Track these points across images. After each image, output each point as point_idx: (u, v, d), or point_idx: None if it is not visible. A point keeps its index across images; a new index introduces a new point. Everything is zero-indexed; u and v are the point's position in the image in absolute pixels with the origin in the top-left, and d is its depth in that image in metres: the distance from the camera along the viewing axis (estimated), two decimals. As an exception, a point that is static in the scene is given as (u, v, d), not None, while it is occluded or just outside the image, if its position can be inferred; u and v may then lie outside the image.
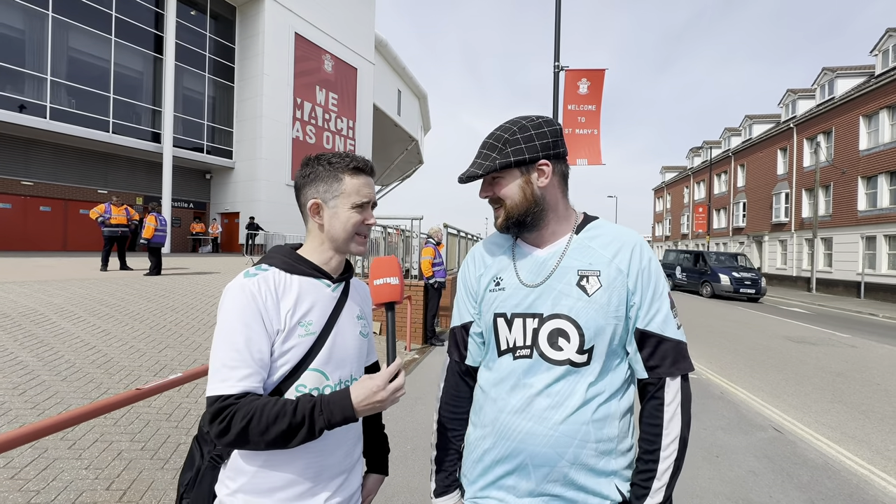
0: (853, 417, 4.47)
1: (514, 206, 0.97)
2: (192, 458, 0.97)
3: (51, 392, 3.33)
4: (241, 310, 0.85)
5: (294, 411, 0.81)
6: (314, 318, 0.93)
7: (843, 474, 3.19)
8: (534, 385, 0.93)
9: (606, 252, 0.96)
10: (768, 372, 6.17)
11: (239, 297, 0.86)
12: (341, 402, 0.83)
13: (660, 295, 0.94)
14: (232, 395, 0.81)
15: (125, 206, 9.46)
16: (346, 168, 0.97)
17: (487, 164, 0.96)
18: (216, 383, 0.82)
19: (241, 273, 0.92)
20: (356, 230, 0.98)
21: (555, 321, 0.92)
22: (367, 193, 0.98)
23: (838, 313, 13.74)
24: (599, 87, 8.03)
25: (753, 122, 28.95)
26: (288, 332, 0.88)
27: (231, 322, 0.85)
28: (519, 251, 1.03)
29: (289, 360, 0.89)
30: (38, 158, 14.90)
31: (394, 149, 30.33)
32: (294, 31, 18.99)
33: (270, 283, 0.90)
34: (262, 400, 0.82)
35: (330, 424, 0.82)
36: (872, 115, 18.52)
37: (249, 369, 0.83)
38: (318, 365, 0.91)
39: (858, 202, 19.03)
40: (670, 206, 43.70)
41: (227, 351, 0.83)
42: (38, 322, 4.72)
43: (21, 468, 2.47)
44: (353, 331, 1.00)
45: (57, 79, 13.94)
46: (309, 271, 0.96)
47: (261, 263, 0.96)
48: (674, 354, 0.92)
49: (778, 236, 25.11)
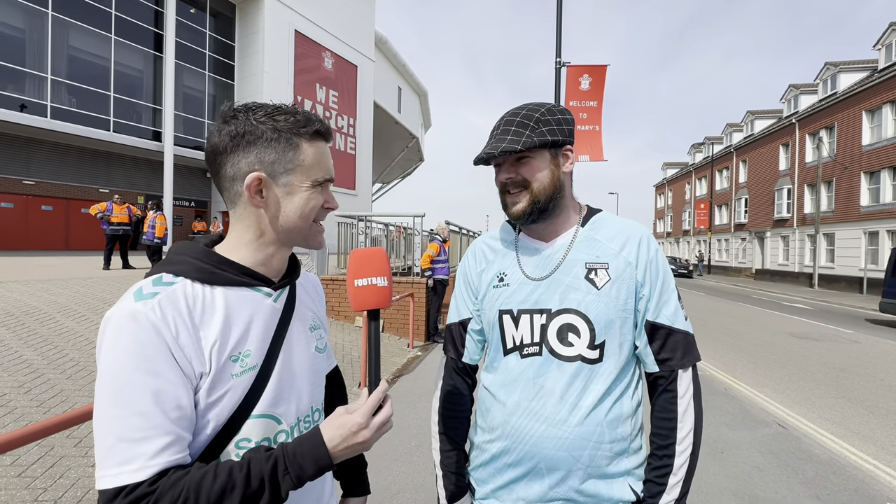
0: (857, 413, 4.46)
1: (542, 190, 0.91)
2: None
3: (56, 390, 3.34)
4: (137, 350, 0.57)
5: (247, 479, 0.58)
6: (253, 346, 0.67)
7: (849, 470, 3.19)
8: (545, 385, 0.90)
9: (613, 244, 0.93)
10: (772, 368, 6.17)
11: (131, 331, 0.58)
12: (312, 450, 0.61)
13: (669, 287, 0.93)
14: (143, 483, 0.54)
15: (127, 205, 9.48)
16: (303, 131, 0.69)
17: (524, 139, 0.88)
18: (112, 468, 0.54)
19: (129, 291, 0.63)
20: (316, 217, 0.73)
21: (564, 316, 0.89)
22: (328, 167, 0.74)
23: (841, 309, 13.71)
24: (601, 83, 8.00)
25: (755, 117, 28.83)
26: (216, 374, 0.62)
27: (122, 372, 0.56)
28: (523, 245, 1.00)
29: (222, 410, 0.63)
30: (39, 158, 14.93)
31: (394, 146, 30.28)
32: (294, 29, 18.95)
33: (181, 305, 0.62)
34: (191, 475, 0.56)
35: (301, 482, 0.61)
36: (875, 109, 18.43)
37: (167, 437, 0.57)
38: (265, 409, 0.67)
39: (861, 197, 18.96)
40: (672, 202, 43.60)
41: (125, 418, 0.55)
42: (42, 321, 4.73)
43: (28, 466, 2.48)
44: (307, 349, 0.76)
45: (57, 78, 13.94)
46: (239, 278, 0.68)
47: (159, 272, 0.66)
48: (684, 346, 0.91)
49: (780, 232, 25.05)
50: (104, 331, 0.60)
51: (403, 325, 7.14)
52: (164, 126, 16.34)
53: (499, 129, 0.92)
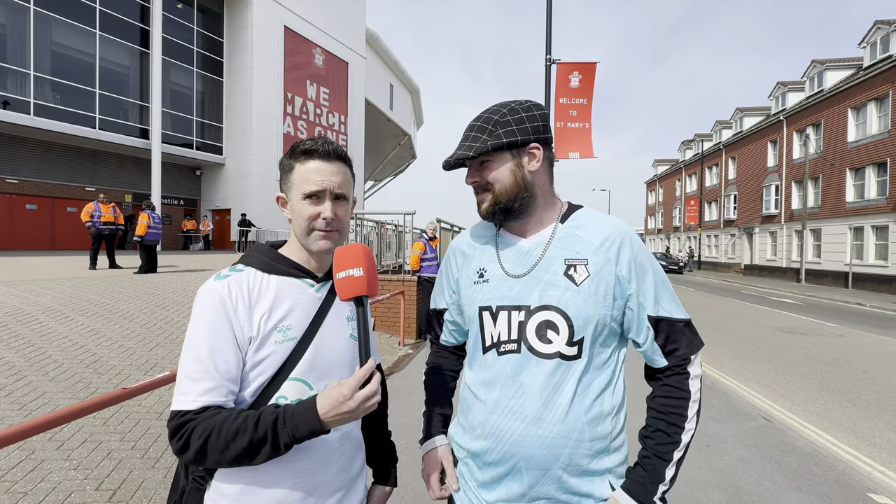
0: (840, 405, 4.55)
1: (504, 191, 0.93)
2: (177, 478, 0.92)
3: (38, 392, 3.29)
4: (207, 316, 0.79)
5: (255, 426, 0.74)
6: (294, 321, 0.84)
7: (830, 461, 3.25)
8: (524, 383, 0.89)
9: (594, 240, 0.93)
10: (758, 362, 6.26)
11: (207, 301, 0.81)
12: (306, 413, 0.74)
13: (661, 279, 0.93)
14: (190, 411, 0.75)
15: (113, 205, 9.32)
16: (295, 153, 0.87)
17: (478, 146, 0.91)
18: (178, 397, 0.77)
19: (214, 274, 0.86)
20: (312, 225, 0.87)
21: (543, 313, 0.89)
22: (317, 180, 0.85)
23: (827, 303, 13.95)
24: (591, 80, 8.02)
25: (744, 114, 29.14)
26: (262, 339, 0.81)
27: (197, 330, 0.79)
28: (503, 241, 1.00)
29: (265, 369, 0.81)
30: (23, 156, 14.62)
31: (386, 144, 30.14)
32: (283, 25, 18.73)
33: (243, 286, 0.83)
34: (222, 414, 0.75)
35: (295, 439, 0.74)
36: (860, 107, 18.72)
37: (212, 382, 0.77)
38: (300, 374, 0.83)
39: (847, 193, 19.28)
40: (662, 199, 43.97)
41: (190, 362, 0.78)
42: (24, 322, 4.65)
43: (8, 470, 2.44)
44: (342, 334, 0.91)
45: (41, 74, 13.65)
46: (289, 270, 0.89)
47: (237, 264, 0.89)
48: (688, 334, 0.92)
49: (768, 228, 25.39)
50: (196, 299, 0.83)
51: (395, 324, 7.13)
52: (152, 123, 16.10)
53: (463, 135, 0.97)
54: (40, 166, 15.00)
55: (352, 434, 0.94)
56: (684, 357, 0.91)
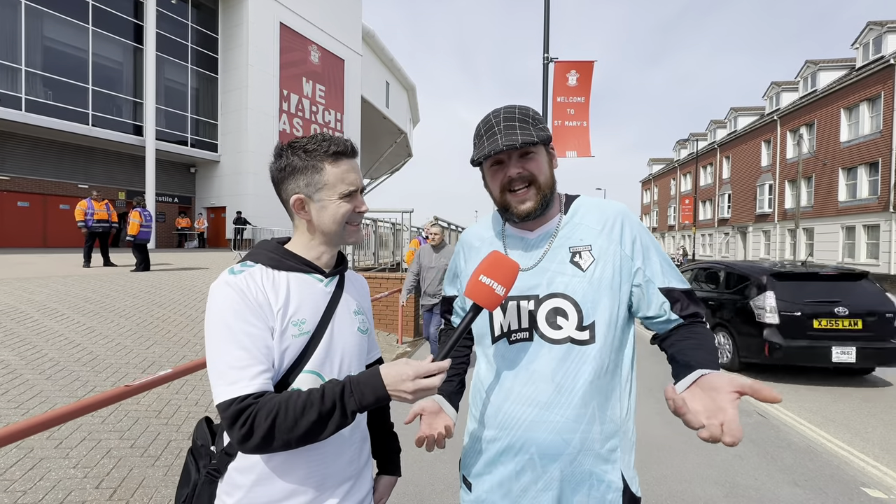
0: (834, 401, 4.61)
1: (546, 185, 0.95)
2: (187, 472, 0.92)
3: (35, 391, 3.26)
4: (234, 307, 0.79)
5: (322, 398, 0.75)
6: (307, 315, 0.86)
7: (825, 456, 3.30)
8: (536, 369, 0.90)
9: (595, 225, 0.96)
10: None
11: (229, 294, 0.80)
12: (372, 381, 0.77)
13: (662, 254, 0.97)
14: (249, 395, 0.74)
15: (106, 202, 9.22)
16: (325, 155, 0.87)
17: (536, 132, 0.90)
18: (225, 387, 0.75)
19: (224, 271, 0.85)
20: (347, 220, 0.91)
21: (552, 300, 0.91)
22: (352, 180, 0.90)
23: (819, 301, 14.10)
24: (588, 78, 8.03)
25: (738, 114, 29.36)
26: (281, 332, 0.82)
27: (227, 320, 0.78)
28: (510, 236, 1.02)
29: (281, 362, 0.82)
30: (14, 152, 14.41)
31: (382, 142, 30.05)
32: (279, 21, 18.59)
33: (258, 280, 0.83)
34: (283, 394, 0.76)
35: (362, 406, 0.77)
36: (853, 107, 18.92)
37: (261, 366, 0.77)
38: (314, 366, 0.85)
39: (839, 193, 19.50)
40: (657, 197, 44.22)
41: (232, 350, 0.77)
42: (19, 320, 4.60)
43: (6, 468, 2.42)
44: (351, 327, 0.94)
45: (32, 69, 13.45)
46: (298, 266, 0.90)
47: (245, 260, 0.89)
48: (695, 299, 0.96)
49: (761, 227, 25.63)
50: (211, 296, 0.82)
51: (392, 322, 7.13)
52: (146, 120, 15.93)
53: (500, 126, 0.91)
54: (32, 163, 14.81)
55: (360, 425, 0.97)
56: (700, 315, 0.95)
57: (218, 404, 0.76)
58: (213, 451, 0.90)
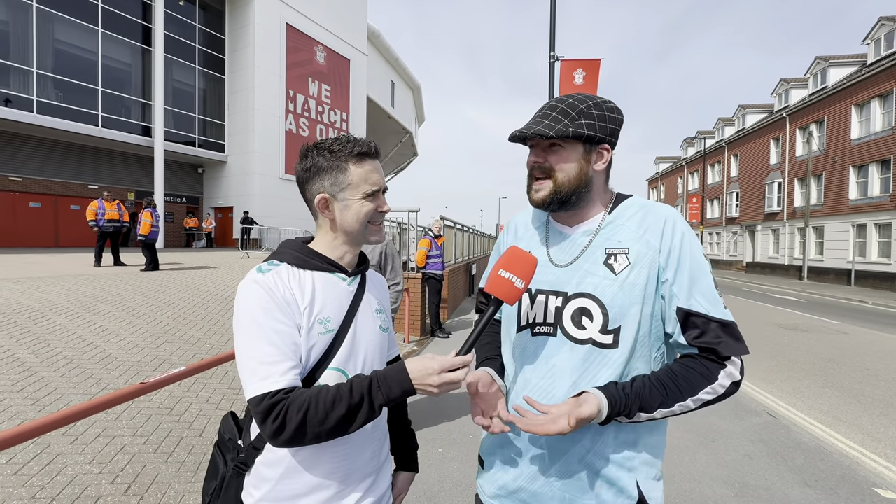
0: (845, 402, 4.57)
1: (566, 182, 0.91)
2: (215, 466, 0.94)
3: (50, 388, 3.32)
4: (263, 304, 0.81)
5: (350, 392, 0.78)
6: (332, 314, 0.88)
7: (836, 457, 3.27)
8: (556, 365, 0.90)
9: (636, 228, 0.91)
10: (762, 359, 6.27)
11: (258, 291, 0.82)
12: (398, 375, 0.80)
13: (700, 270, 0.87)
14: (281, 390, 0.77)
15: (117, 202, 9.35)
16: (349, 156, 0.90)
17: (559, 127, 0.88)
18: (256, 382, 0.77)
19: (252, 269, 0.88)
20: (370, 219, 0.93)
21: (579, 300, 0.89)
22: (376, 180, 0.92)
23: (829, 301, 13.95)
24: (595, 77, 8.00)
25: (747, 111, 29.03)
26: (308, 330, 0.84)
27: (257, 317, 0.80)
28: (552, 230, 1.00)
29: (308, 359, 0.84)
30: (25, 153, 14.63)
31: (388, 141, 30.11)
32: (285, 22, 18.69)
33: (285, 279, 0.86)
34: (313, 389, 0.79)
35: (389, 400, 0.79)
36: (864, 104, 18.64)
37: (291, 362, 0.80)
38: (338, 364, 0.87)
39: (850, 191, 19.22)
40: (664, 196, 43.88)
41: (262, 347, 0.79)
42: (33, 319, 4.68)
43: (24, 464, 2.47)
44: (373, 325, 0.96)
45: (43, 71, 13.65)
46: (323, 266, 0.92)
47: (271, 259, 0.91)
48: (726, 334, 0.83)
49: (770, 225, 25.34)
50: (240, 294, 0.84)
51: (399, 320, 7.15)
52: (154, 121, 16.09)
53: (541, 112, 0.94)
54: (43, 164, 15.02)
55: (381, 422, 0.99)
56: (721, 353, 0.83)
57: (250, 399, 0.77)
58: (239, 445, 0.92)
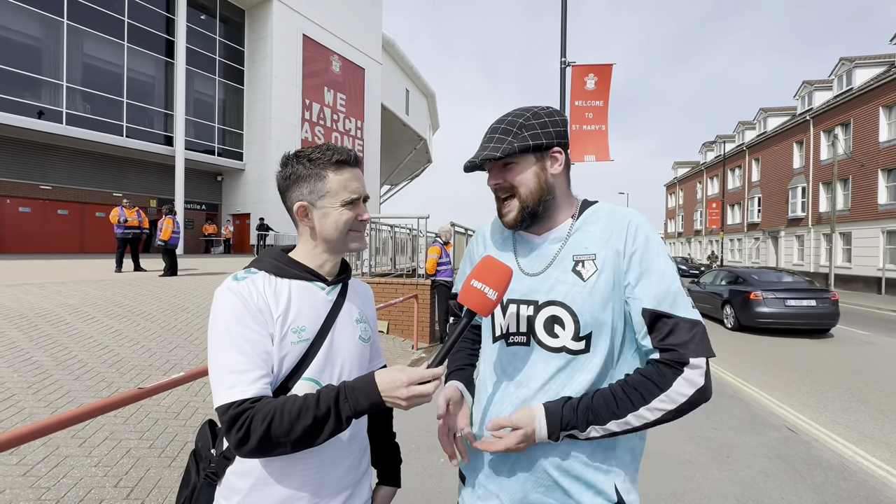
0: (872, 417, 4.34)
1: (529, 195, 0.92)
2: (188, 474, 0.93)
3: (63, 391, 3.41)
4: (236, 312, 0.81)
5: (317, 403, 0.76)
6: (307, 323, 0.87)
7: (860, 476, 3.09)
8: (531, 375, 0.91)
9: (602, 234, 0.92)
10: (783, 370, 6.03)
11: (231, 299, 0.82)
12: (366, 387, 0.78)
13: (664, 272, 0.87)
14: (247, 399, 0.75)
15: (137, 209, 9.65)
16: (328, 164, 0.90)
17: (504, 146, 0.91)
18: (224, 390, 0.76)
19: (228, 277, 0.88)
20: (350, 227, 0.92)
21: (550, 308, 0.90)
22: (355, 188, 0.92)
23: (857, 309, 13.37)
24: (607, 82, 7.92)
25: (768, 115, 28.31)
26: (280, 338, 0.83)
27: (229, 325, 0.80)
28: (520, 240, 1.01)
29: (281, 368, 0.83)
30: (54, 163, 15.28)
31: (402, 148, 30.37)
32: (302, 33, 19.14)
33: (260, 287, 0.85)
34: (279, 399, 0.77)
35: (356, 412, 0.77)
36: (893, 105, 17.97)
37: (260, 371, 0.79)
38: (312, 374, 0.85)
39: (879, 195, 18.48)
40: (683, 202, 43.02)
41: (232, 355, 0.78)
42: (53, 323, 4.83)
43: (33, 465, 2.53)
44: (352, 336, 0.94)
45: (72, 85, 14.26)
46: (301, 274, 0.91)
47: (249, 267, 0.91)
48: (693, 336, 0.82)
49: (794, 231, 24.55)
50: (215, 301, 0.84)
51: (408, 327, 7.14)
52: (176, 131, 16.62)
53: (486, 137, 0.96)
54: (71, 173, 15.65)
55: (360, 434, 0.97)
56: (682, 355, 0.81)
57: (217, 407, 0.77)
58: (212, 455, 0.91)
